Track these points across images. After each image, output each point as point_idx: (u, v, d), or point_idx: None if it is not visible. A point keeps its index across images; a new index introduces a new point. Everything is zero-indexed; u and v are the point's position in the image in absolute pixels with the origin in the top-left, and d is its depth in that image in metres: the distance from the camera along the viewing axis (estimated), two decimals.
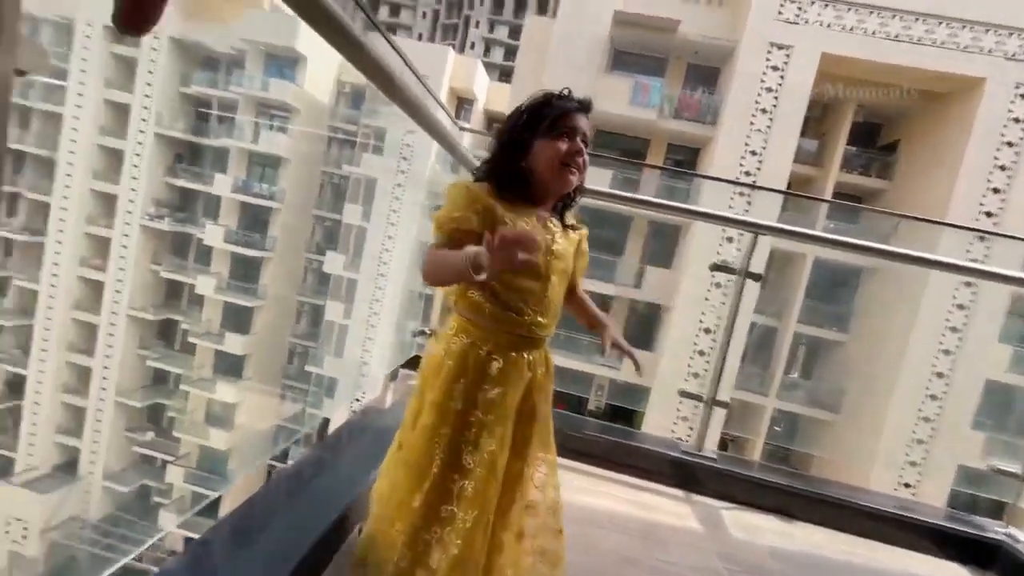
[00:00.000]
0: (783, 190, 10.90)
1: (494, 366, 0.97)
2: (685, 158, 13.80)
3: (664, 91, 12.71)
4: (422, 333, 2.36)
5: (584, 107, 1.01)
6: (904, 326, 10.91)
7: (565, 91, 1.01)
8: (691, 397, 1.96)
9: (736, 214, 9.78)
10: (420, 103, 1.23)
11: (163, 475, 17.70)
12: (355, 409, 2.19)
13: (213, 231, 18.25)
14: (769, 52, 11.19)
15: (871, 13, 10.82)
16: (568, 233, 1.06)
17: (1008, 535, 1.86)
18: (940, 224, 7.82)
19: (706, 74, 13.22)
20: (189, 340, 18.47)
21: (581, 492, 1.74)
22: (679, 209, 2.08)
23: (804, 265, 11.98)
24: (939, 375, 10.80)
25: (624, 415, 13.61)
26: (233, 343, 17.87)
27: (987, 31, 10.51)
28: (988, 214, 10.65)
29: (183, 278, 19.04)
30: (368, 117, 17.86)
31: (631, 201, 2.13)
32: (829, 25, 11.00)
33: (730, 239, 11.08)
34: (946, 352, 10.74)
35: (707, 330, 11.46)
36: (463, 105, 20.32)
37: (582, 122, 1.00)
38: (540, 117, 0.98)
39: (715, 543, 1.63)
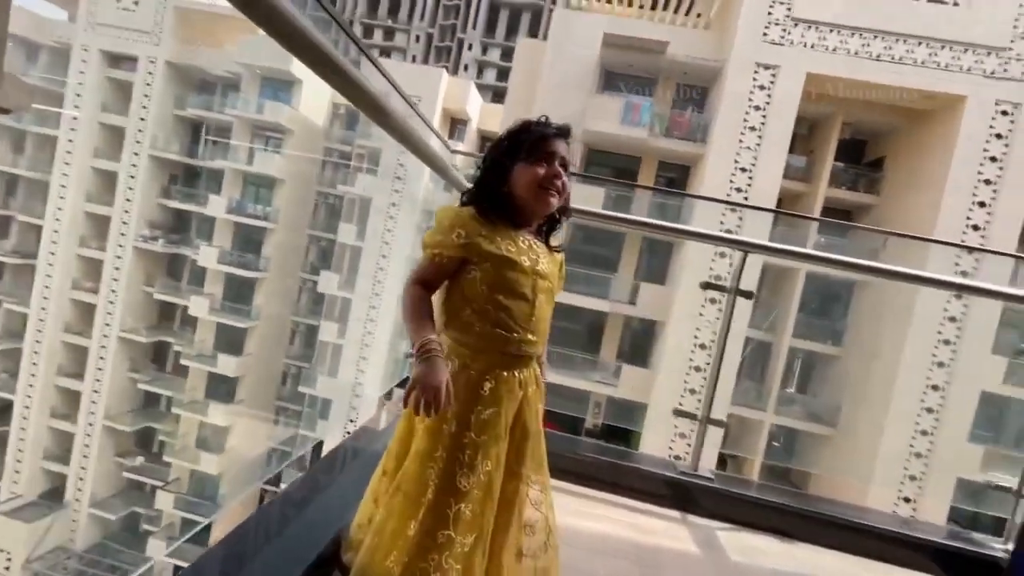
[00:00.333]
0: (771, 208, 11.04)
1: (486, 386, 0.98)
2: (676, 175, 13.98)
3: (654, 110, 12.94)
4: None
5: (562, 133, 1.04)
6: (897, 339, 10.96)
7: (543, 118, 1.05)
8: (686, 416, 1.96)
9: (728, 230, 9.86)
10: (408, 128, 1.25)
11: (152, 501, 17.31)
12: (349, 431, 2.17)
13: (207, 252, 18.20)
14: (756, 72, 11.44)
15: (853, 34, 11.11)
16: (552, 255, 1.09)
17: (1007, 551, 1.85)
18: (925, 240, 7.92)
19: (695, 93, 13.48)
20: (181, 362, 18.27)
21: (576, 515, 1.71)
22: (668, 229, 2.10)
23: (797, 280, 12.07)
24: (934, 388, 10.82)
25: (621, 433, 13.51)
26: (226, 365, 17.68)
27: (965, 50, 10.81)
28: (975, 227, 10.80)
29: (176, 299, 18.91)
30: (363, 137, 18.03)
31: (622, 221, 2.15)
32: (813, 46, 11.28)
33: (722, 254, 11.16)
34: (940, 364, 10.78)
35: (702, 346, 11.46)
36: (457, 126, 20.57)
37: (560, 147, 1.03)
38: (519, 143, 1.02)
39: (713, 566, 1.61)
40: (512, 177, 1.02)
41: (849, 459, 11.80)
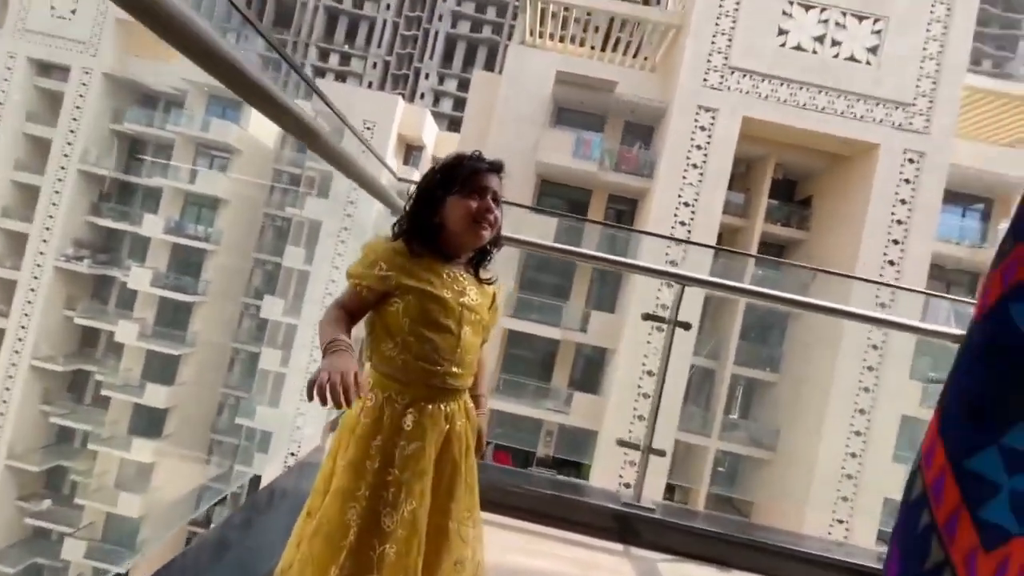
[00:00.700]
0: (709, 245, 11.68)
1: (409, 419, 0.96)
2: (625, 208, 14.54)
3: (604, 145, 13.50)
4: None
5: (495, 168, 1.07)
6: (827, 366, 11.67)
7: (476, 153, 1.07)
8: (628, 446, 1.98)
9: (672, 261, 10.27)
10: (350, 159, 1.24)
11: (59, 551, 15.54)
12: (289, 465, 2.06)
13: (139, 273, 17.09)
14: (697, 113, 12.23)
15: (782, 84, 12.14)
16: (483, 287, 1.09)
17: None
18: (849, 277, 8.60)
19: (642, 131, 14.21)
20: (103, 393, 16.81)
21: (516, 551, 1.68)
22: (614, 262, 2.17)
23: (738, 309, 12.70)
24: (861, 411, 11.53)
25: (573, 462, 13.50)
26: (155, 395, 16.42)
27: (877, 104, 12.03)
28: (891, 262, 11.82)
29: (101, 324, 17.53)
30: (314, 160, 17.70)
31: (571, 254, 2.21)
32: (747, 92, 12.22)
33: (669, 285, 11.58)
34: (865, 389, 11.54)
35: (650, 372, 11.76)
36: (412, 152, 20.63)
37: (493, 182, 1.05)
38: (453, 176, 1.04)
39: None
40: (444, 209, 1.03)
41: (788, 482, 12.30)
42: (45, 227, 16.76)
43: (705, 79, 12.22)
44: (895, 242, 11.84)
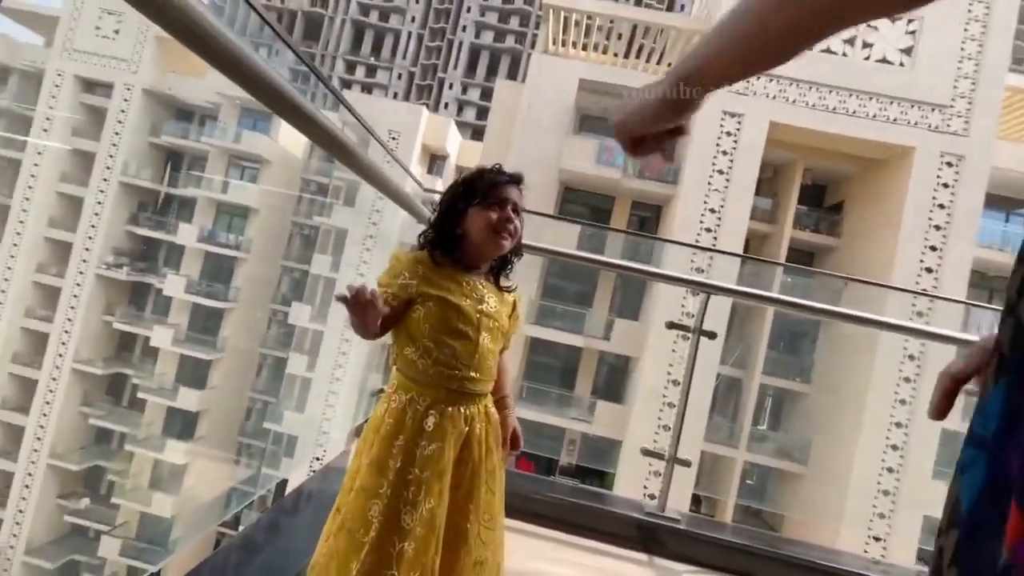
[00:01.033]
0: (738, 253, 11.44)
1: (430, 421, 1.00)
2: (649, 215, 14.40)
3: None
4: (381, 391, 2.30)
5: (514, 180, 1.11)
6: (862, 376, 11.26)
7: (497, 166, 1.12)
8: (652, 455, 1.96)
9: (699, 269, 10.11)
10: (375, 169, 1.27)
11: (96, 548, 16.07)
12: (315, 469, 2.09)
13: (174, 281, 17.70)
14: (723, 119, 12.05)
15: (811, 88, 11.88)
16: (503, 295, 1.13)
17: None
18: (881, 286, 8.30)
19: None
20: (139, 396, 17.42)
21: (540, 558, 1.67)
22: (637, 271, 2.15)
23: (766, 318, 12.39)
24: (898, 424, 11.08)
25: (596, 471, 13.33)
26: (187, 399, 16.92)
27: (912, 106, 11.65)
28: (928, 270, 11.37)
29: (138, 329, 18.19)
30: (341, 170, 18.10)
31: (594, 263, 2.20)
32: (775, 97, 11.99)
33: (695, 292, 11.40)
34: (902, 402, 11.08)
35: (675, 382, 11.55)
36: (436, 161, 20.89)
37: (513, 193, 1.10)
38: (474, 189, 1.08)
39: None
40: (466, 221, 1.07)
41: (820, 497, 11.87)
42: (88, 236, 17.53)
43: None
44: (932, 248, 11.39)
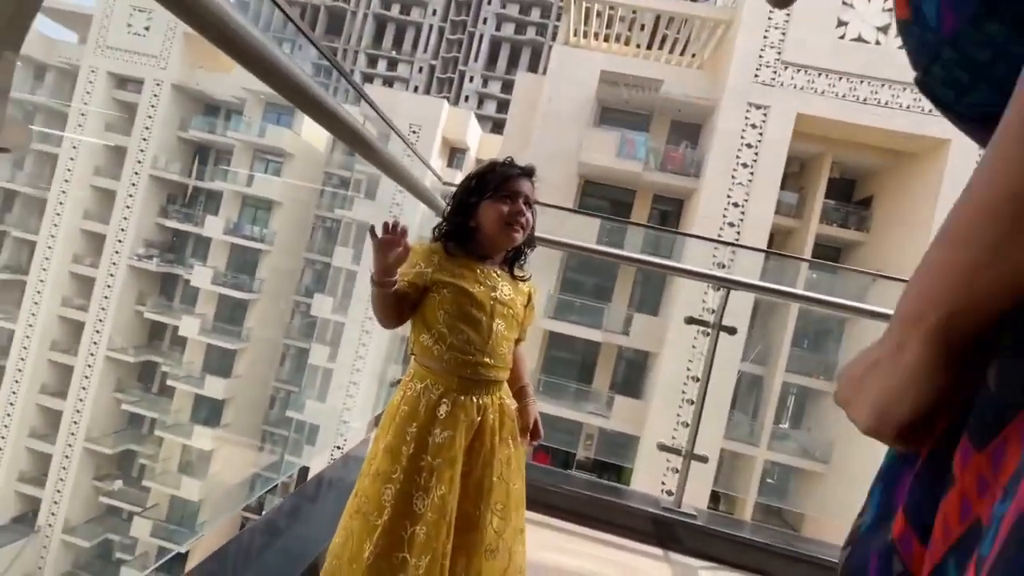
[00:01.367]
0: (760, 248, 11.20)
1: (443, 408, 1.02)
2: (670, 208, 14.20)
3: (649, 145, 13.23)
4: (399, 381, 2.34)
5: (526, 173, 1.13)
6: None
7: (508, 159, 1.14)
8: (669, 450, 1.95)
9: (721, 264, 9.94)
10: (396, 163, 1.29)
11: (128, 528, 16.73)
12: (335, 457, 2.14)
13: (201, 272, 18.16)
14: (748, 111, 11.79)
15: (840, 78, 11.52)
16: (518, 284, 1.15)
17: None
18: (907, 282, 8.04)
19: (689, 130, 13.83)
20: (168, 383, 17.98)
21: (555, 550, 1.68)
22: (657, 265, 2.13)
23: (790, 314, 12.14)
24: None
25: (613, 466, 13.31)
26: (214, 387, 17.41)
27: None
28: None
29: (167, 319, 18.75)
30: (362, 163, 18.28)
31: (613, 256, 2.19)
32: (802, 88, 11.67)
33: (716, 287, 11.24)
34: None
35: (695, 378, 11.43)
36: (456, 154, 20.94)
37: (524, 186, 1.11)
38: (487, 182, 1.10)
39: None
40: (479, 213, 1.09)
41: (843, 497, 11.63)
42: (120, 228, 18.09)
43: (756, 75, 11.76)
44: None
